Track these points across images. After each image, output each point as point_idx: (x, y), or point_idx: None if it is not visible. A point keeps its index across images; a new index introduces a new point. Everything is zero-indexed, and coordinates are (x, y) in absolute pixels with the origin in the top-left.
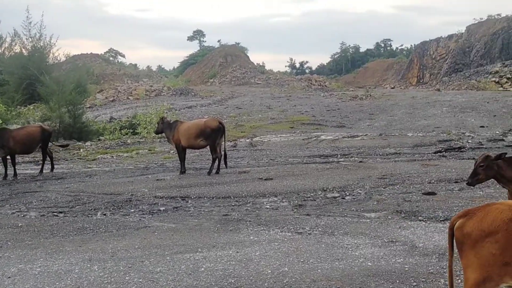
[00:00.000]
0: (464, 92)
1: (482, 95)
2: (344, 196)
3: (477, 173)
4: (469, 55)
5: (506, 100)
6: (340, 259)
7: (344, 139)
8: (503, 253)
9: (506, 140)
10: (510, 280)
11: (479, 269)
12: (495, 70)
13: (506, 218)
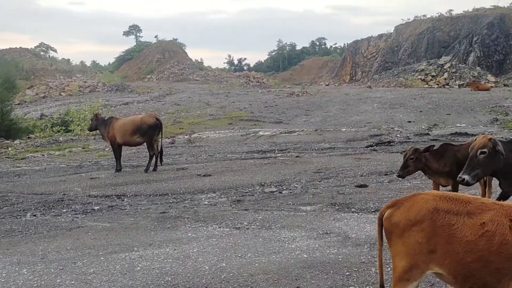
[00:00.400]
0: (393, 89)
1: (409, 92)
2: (281, 191)
3: (407, 166)
4: (398, 54)
5: (431, 97)
6: (277, 252)
7: (282, 135)
8: (428, 241)
9: (431, 134)
10: (435, 267)
11: (406, 257)
12: (421, 69)
13: (431, 207)
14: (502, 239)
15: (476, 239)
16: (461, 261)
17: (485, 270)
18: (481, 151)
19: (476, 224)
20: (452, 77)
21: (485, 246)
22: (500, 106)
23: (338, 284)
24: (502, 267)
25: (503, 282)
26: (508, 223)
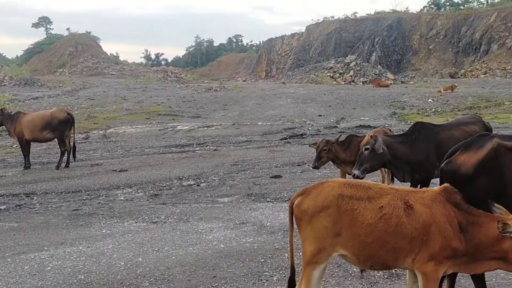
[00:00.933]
0: (305, 85)
1: (319, 88)
2: (199, 183)
3: (321, 157)
4: (309, 52)
5: (339, 93)
6: (194, 244)
7: (200, 129)
8: (334, 226)
9: (339, 126)
10: (341, 249)
11: (315, 242)
12: (330, 66)
13: (336, 194)
14: (398, 220)
15: (375, 221)
16: (362, 242)
17: (383, 249)
18: (365, 147)
19: (375, 208)
20: (357, 74)
21: (383, 227)
22: (398, 101)
23: (254, 271)
24: (398, 246)
25: (399, 259)
26: (402, 206)
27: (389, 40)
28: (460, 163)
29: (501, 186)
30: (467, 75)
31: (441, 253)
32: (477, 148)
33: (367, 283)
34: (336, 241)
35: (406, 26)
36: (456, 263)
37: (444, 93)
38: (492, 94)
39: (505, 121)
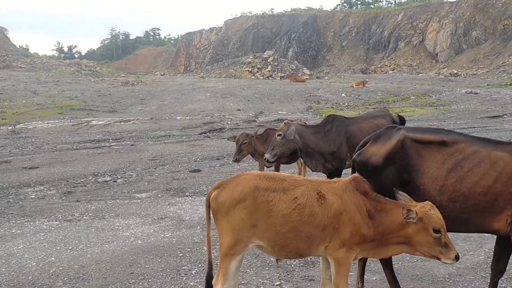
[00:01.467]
0: (224, 80)
1: (238, 82)
2: (116, 179)
3: (241, 150)
4: (228, 47)
5: (257, 87)
6: (111, 241)
7: (116, 124)
8: (250, 217)
9: (257, 120)
10: (257, 240)
11: (231, 234)
12: (248, 61)
13: (252, 186)
14: (311, 210)
15: (290, 212)
16: (278, 232)
17: (298, 238)
18: (278, 133)
19: (290, 199)
20: (275, 69)
21: (297, 217)
22: (314, 96)
23: (172, 266)
24: (312, 234)
25: (313, 247)
26: (315, 196)
27: (305, 37)
28: (370, 154)
29: (408, 175)
30: (377, 71)
31: (352, 240)
32: (386, 140)
33: (283, 271)
34: (253, 233)
35: (320, 23)
36: (366, 249)
37: (356, 88)
38: (400, 89)
39: (411, 114)
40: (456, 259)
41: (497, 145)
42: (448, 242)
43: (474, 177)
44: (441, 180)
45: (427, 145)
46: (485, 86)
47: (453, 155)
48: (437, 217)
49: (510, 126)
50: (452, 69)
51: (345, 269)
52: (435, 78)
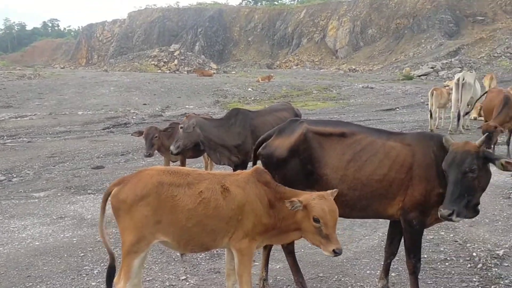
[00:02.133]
0: (129, 74)
1: (144, 76)
2: (11, 179)
3: (153, 144)
4: (132, 39)
5: (163, 81)
6: (5, 244)
7: (11, 120)
8: (154, 213)
9: (164, 115)
10: (162, 236)
11: (134, 231)
12: (154, 55)
13: (156, 181)
14: (216, 203)
15: (195, 206)
16: (183, 227)
17: (203, 232)
18: (180, 126)
19: (195, 193)
20: (182, 63)
21: (202, 211)
22: (221, 90)
23: (72, 266)
24: (217, 227)
25: (217, 240)
26: (220, 189)
27: (211, 31)
28: (275, 147)
29: (311, 167)
30: (282, 66)
31: (254, 230)
32: (289, 133)
33: (189, 265)
34: (157, 229)
35: (226, 18)
36: (268, 237)
37: (262, 83)
38: (303, 84)
39: (314, 108)
40: (334, 253)
41: (390, 135)
42: (330, 235)
43: (372, 166)
44: (342, 170)
45: (328, 137)
46: (380, 81)
47: (352, 146)
48: (319, 207)
49: (401, 118)
50: (351, 65)
51: (248, 259)
52: (335, 73)
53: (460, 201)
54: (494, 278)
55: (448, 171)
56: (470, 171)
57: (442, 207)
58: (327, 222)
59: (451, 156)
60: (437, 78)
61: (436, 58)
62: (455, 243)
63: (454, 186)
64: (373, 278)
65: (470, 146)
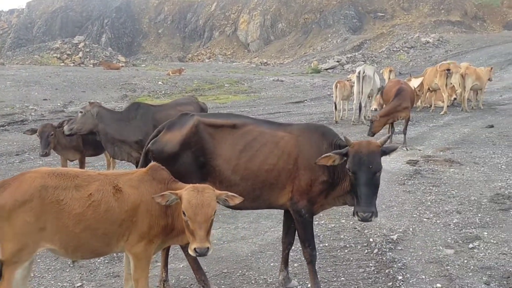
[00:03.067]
0: (28, 67)
1: (45, 69)
2: None
3: (49, 142)
4: (32, 31)
5: (66, 75)
6: None
7: None
8: (38, 220)
9: (66, 111)
10: (47, 244)
11: (15, 240)
12: (56, 47)
13: (39, 185)
14: (107, 206)
15: (84, 210)
16: (70, 233)
17: (94, 237)
18: (80, 111)
19: (83, 196)
20: (87, 56)
21: (92, 215)
22: (129, 84)
23: None
24: (109, 231)
25: (111, 244)
26: (112, 190)
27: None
28: (165, 142)
29: (204, 159)
30: (194, 59)
31: (151, 232)
32: (180, 127)
33: (86, 271)
34: (41, 236)
35: (135, 9)
36: (168, 238)
37: (173, 76)
38: (215, 77)
39: (225, 101)
40: (196, 253)
41: (279, 126)
42: (195, 231)
43: (262, 156)
44: (234, 160)
45: (220, 129)
46: (291, 74)
47: (243, 136)
48: (186, 200)
49: (309, 110)
50: (262, 58)
51: (145, 263)
52: (247, 66)
53: (374, 201)
54: (388, 262)
55: (358, 173)
56: (378, 171)
57: (360, 210)
58: (191, 216)
59: (358, 158)
60: (342, 71)
61: (341, 52)
62: (354, 230)
63: (367, 187)
64: (277, 270)
65: (374, 146)
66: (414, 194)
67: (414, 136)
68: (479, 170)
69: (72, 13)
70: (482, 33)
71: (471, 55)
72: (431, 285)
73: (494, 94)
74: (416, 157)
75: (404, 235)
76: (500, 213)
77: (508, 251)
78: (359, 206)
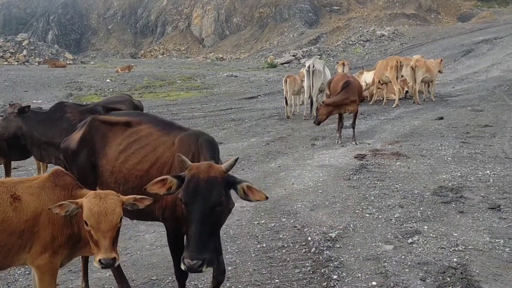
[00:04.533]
0: None
1: None
2: None
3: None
4: None
5: (8, 74)
6: None
7: None
8: None
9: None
10: None
11: None
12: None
13: None
14: (4, 216)
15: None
16: None
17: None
18: (0, 114)
19: None
20: (32, 54)
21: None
22: (75, 82)
23: None
24: (7, 243)
25: (10, 257)
26: (9, 199)
27: (66, 18)
28: (70, 140)
29: (94, 158)
30: (147, 56)
31: (54, 243)
32: (82, 125)
33: (3, 284)
34: None
35: (82, 4)
36: (76, 249)
37: (122, 73)
38: (166, 73)
39: (176, 98)
40: (101, 264)
41: (174, 130)
42: (99, 240)
43: (135, 159)
44: (113, 161)
45: (113, 126)
46: (246, 69)
47: (129, 136)
48: (87, 208)
49: (262, 106)
50: (218, 53)
51: (50, 277)
52: (203, 62)
53: (208, 244)
54: (325, 261)
55: (190, 206)
56: (218, 206)
57: (187, 256)
58: (94, 225)
59: (193, 185)
60: (298, 65)
61: (298, 46)
62: (294, 228)
63: (201, 226)
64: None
65: (217, 172)
66: (358, 189)
67: (364, 130)
68: (425, 163)
69: (15, 9)
70: (437, 25)
71: (425, 47)
72: (366, 283)
73: (447, 86)
74: (364, 151)
75: (344, 232)
76: (442, 206)
77: (446, 245)
78: (187, 251)
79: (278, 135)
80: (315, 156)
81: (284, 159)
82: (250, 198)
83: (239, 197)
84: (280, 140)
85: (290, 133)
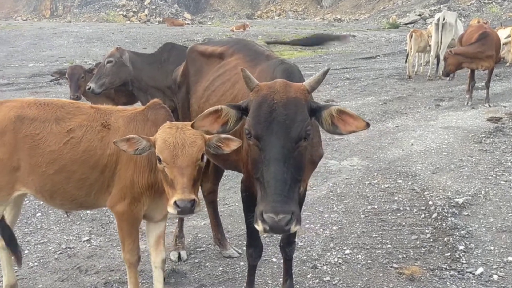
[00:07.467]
0: (93, 24)
1: (108, 26)
2: None
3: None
4: None
5: (129, 31)
6: None
7: None
8: (11, 157)
9: None
10: (22, 187)
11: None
12: (122, 4)
13: (14, 116)
14: (88, 145)
15: (59, 147)
16: (44, 174)
17: (69, 182)
18: (108, 60)
19: (62, 131)
20: (153, 13)
21: (68, 154)
22: (191, 40)
23: None
24: (88, 177)
25: (92, 195)
26: (98, 128)
27: None
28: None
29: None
30: (263, 16)
31: (134, 188)
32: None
33: (98, 225)
34: (16, 177)
35: None
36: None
37: (237, 32)
38: (281, 33)
39: (289, 57)
40: (177, 208)
41: (260, 60)
42: (175, 178)
43: (215, 97)
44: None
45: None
46: (365, 30)
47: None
48: (160, 139)
49: (380, 66)
50: (336, 14)
51: (129, 225)
52: (319, 23)
53: (294, 194)
54: (449, 229)
55: (266, 139)
56: (304, 137)
57: (269, 209)
58: (168, 160)
59: (266, 111)
60: (424, 26)
61: (425, 5)
62: (412, 191)
63: (283, 167)
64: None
65: (297, 91)
66: (492, 153)
67: (499, 91)
68: None
69: None
70: None
71: None
72: (501, 257)
73: None
74: (499, 114)
75: (473, 199)
76: None
77: None
78: (265, 203)
79: (397, 94)
80: (439, 117)
81: (403, 119)
82: (340, 129)
83: (324, 129)
84: (399, 99)
85: (411, 93)
